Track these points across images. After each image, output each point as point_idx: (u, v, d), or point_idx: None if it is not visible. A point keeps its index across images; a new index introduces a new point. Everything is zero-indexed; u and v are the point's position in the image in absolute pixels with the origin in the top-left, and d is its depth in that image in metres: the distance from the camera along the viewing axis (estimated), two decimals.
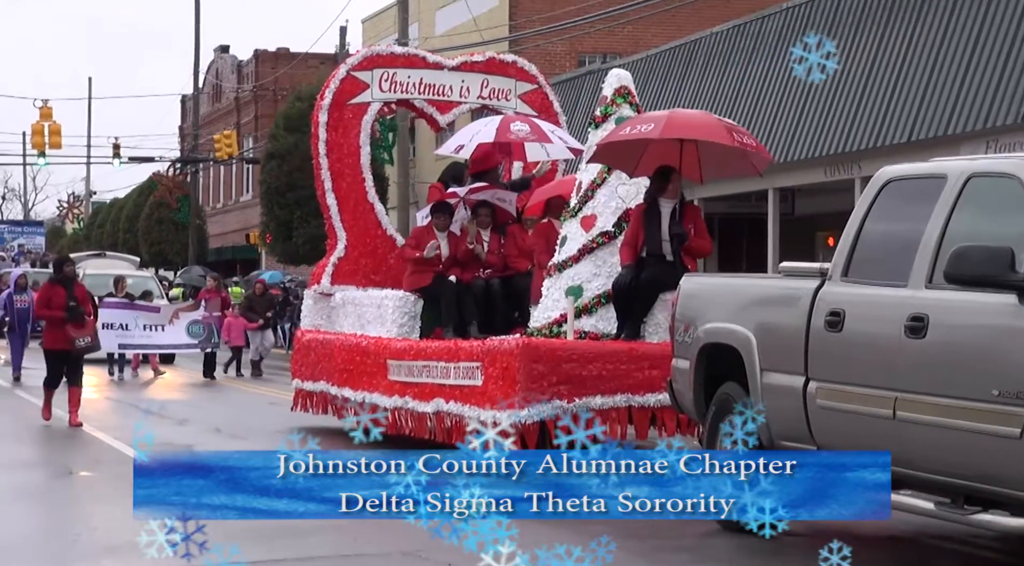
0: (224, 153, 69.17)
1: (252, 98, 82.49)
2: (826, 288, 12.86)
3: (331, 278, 22.41)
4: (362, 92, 22.56)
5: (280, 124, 59.25)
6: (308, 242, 55.05)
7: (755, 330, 13.52)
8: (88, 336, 23.64)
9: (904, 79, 29.38)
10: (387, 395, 19.55)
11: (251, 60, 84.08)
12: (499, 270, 20.49)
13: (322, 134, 22.37)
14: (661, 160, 17.50)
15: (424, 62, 23.03)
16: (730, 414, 13.96)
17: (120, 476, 17.29)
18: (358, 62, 22.75)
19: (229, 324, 37.13)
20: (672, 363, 14.95)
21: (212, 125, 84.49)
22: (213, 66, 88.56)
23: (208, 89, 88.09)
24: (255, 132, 79.67)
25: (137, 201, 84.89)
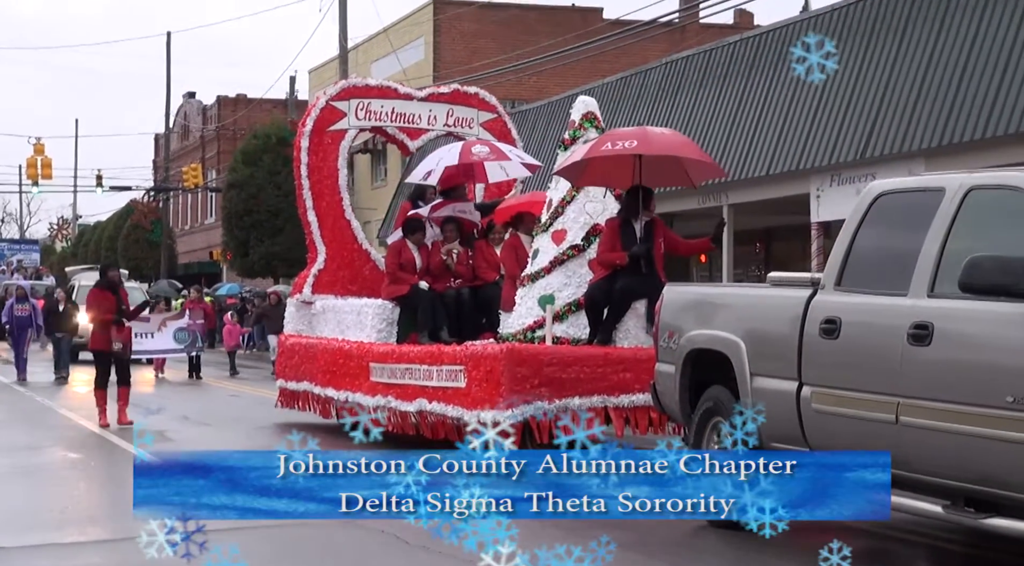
0: (191, 183, 68.44)
1: (215, 136, 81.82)
2: (820, 297, 11.10)
3: (312, 288, 20.76)
4: (340, 120, 20.86)
5: (239, 159, 58.58)
6: (263, 258, 55.52)
7: (744, 336, 11.73)
8: (122, 341, 21.27)
9: (824, 107, 27.66)
10: (370, 395, 17.74)
11: (214, 104, 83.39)
12: (468, 280, 18.68)
13: (304, 158, 20.62)
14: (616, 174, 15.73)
15: (396, 93, 21.29)
16: (717, 416, 12.26)
17: (102, 458, 17.66)
18: (336, 93, 21.00)
19: (229, 330, 36.73)
20: (656, 367, 13.10)
21: (181, 159, 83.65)
22: (182, 109, 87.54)
23: (177, 129, 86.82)
24: (217, 165, 78.85)
25: (117, 224, 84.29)
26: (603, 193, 16.32)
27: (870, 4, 26.72)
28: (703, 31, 55.88)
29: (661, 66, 34.31)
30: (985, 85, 22.87)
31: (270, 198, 55.42)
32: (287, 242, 54.20)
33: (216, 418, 23.16)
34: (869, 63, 26.14)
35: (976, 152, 23.00)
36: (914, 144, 24.63)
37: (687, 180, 16.23)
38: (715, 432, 12.26)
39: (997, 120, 22.45)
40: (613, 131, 16.14)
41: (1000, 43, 22.85)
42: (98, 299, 21.31)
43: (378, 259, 21.03)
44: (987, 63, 23.00)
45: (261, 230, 55.55)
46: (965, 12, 23.97)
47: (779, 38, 29.38)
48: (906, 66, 25.16)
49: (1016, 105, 22.07)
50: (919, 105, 24.51)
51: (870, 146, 25.60)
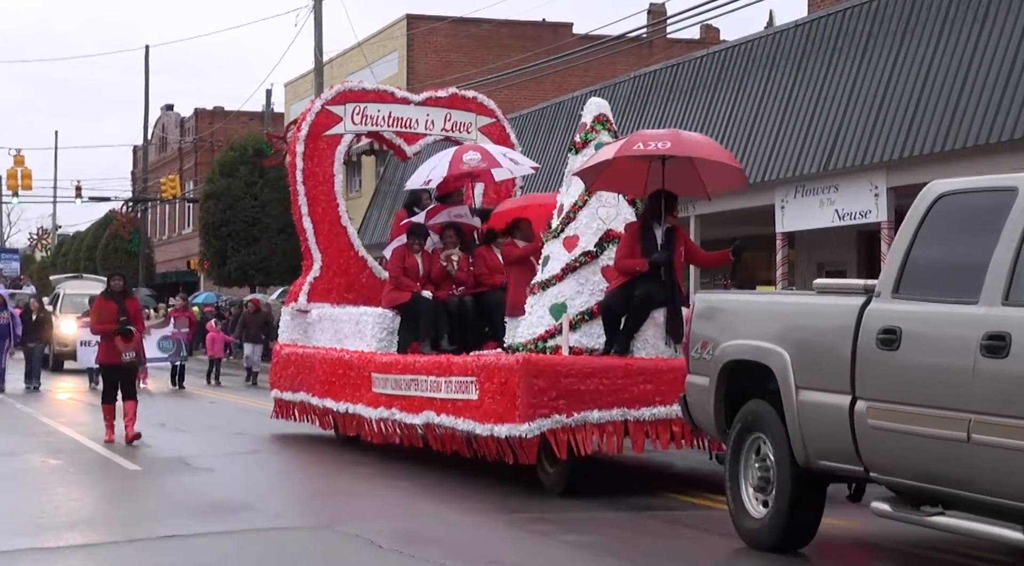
0: (169, 194, 67.28)
1: (192, 148, 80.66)
2: (875, 305, 9.93)
3: (307, 296, 19.36)
4: (336, 124, 19.62)
5: (216, 170, 57.23)
6: (239, 268, 54.59)
7: (789, 347, 10.54)
8: (133, 351, 19.42)
9: (788, 120, 26.63)
10: (372, 407, 16.51)
11: (192, 116, 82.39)
12: (470, 287, 17.45)
13: (299, 163, 19.39)
14: (629, 179, 14.54)
15: (392, 97, 20.05)
16: (757, 432, 11.06)
17: (81, 464, 17.20)
18: (332, 97, 19.76)
19: (213, 339, 35.10)
20: (687, 379, 11.91)
21: (159, 170, 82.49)
22: (160, 121, 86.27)
23: (156, 141, 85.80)
24: (195, 176, 77.58)
25: (96, 234, 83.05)
26: (616, 198, 15.07)
27: (833, 20, 26.14)
28: (670, 46, 55.09)
29: (629, 80, 33.67)
30: (944, 99, 22.33)
31: (247, 209, 54.37)
32: (263, 252, 53.86)
33: (192, 425, 22.37)
34: (832, 77, 25.59)
35: (936, 164, 22.35)
36: (875, 157, 24.02)
37: (703, 190, 15.00)
38: (754, 448, 11.07)
39: (956, 134, 21.90)
40: (643, 131, 14.94)
41: (959, 59, 22.32)
42: (100, 309, 19.71)
43: (375, 267, 19.79)
44: (946, 78, 22.46)
45: (238, 240, 54.47)
46: (925, 28, 23.41)
47: (744, 53, 28.78)
48: (868, 81, 24.54)
49: (974, 119, 21.52)
50: (880, 119, 23.94)
51: (833, 158, 24.94)
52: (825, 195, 25.17)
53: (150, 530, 12.14)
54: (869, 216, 24.14)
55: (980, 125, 21.41)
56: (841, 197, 24.85)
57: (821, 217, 25.48)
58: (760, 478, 10.96)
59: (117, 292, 19.78)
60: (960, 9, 22.73)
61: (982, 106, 21.44)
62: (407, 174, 44.81)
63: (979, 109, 21.51)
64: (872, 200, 23.95)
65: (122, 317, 19.20)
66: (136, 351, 19.52)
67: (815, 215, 25.56)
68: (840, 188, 24.81)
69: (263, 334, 35.09)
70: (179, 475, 16.13)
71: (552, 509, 13.05)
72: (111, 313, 19.31)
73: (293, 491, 15.58)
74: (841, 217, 24.89)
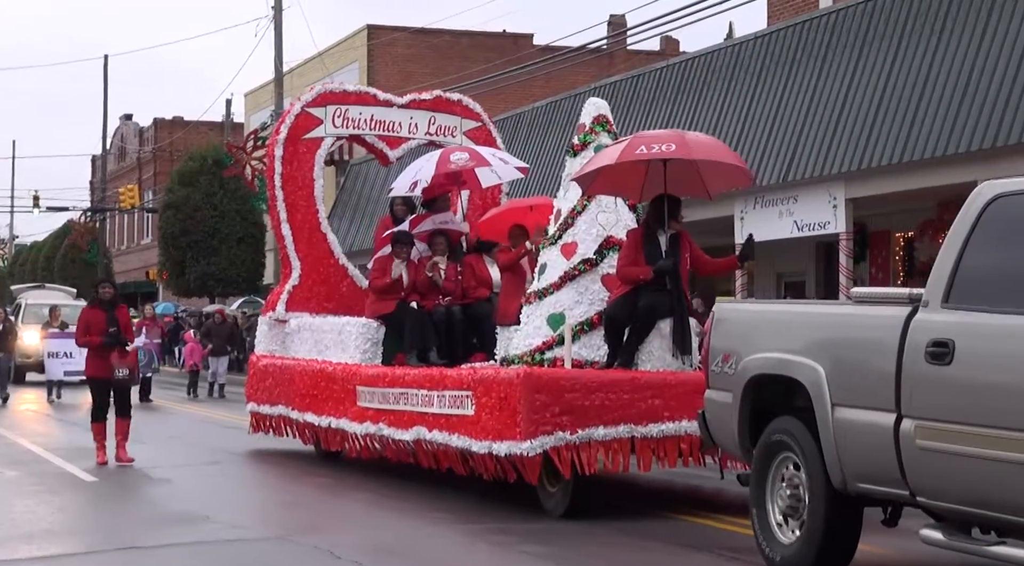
0: (128, 204, 67.08)
1: (152, 158, 79.37)
2: (922, 316, 8.99)
3: (286, 305, 18.28)
4: (316, 127, 18.58)
5: (175, 180, 56.73)
6: (199, 278, 54.30)
7: (823, 361, 9.59)
8: (127, 367, 17.73)
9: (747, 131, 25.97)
10: (357, 421, 15.49)
11: (151, 126, 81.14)
12: (458, 297, 16.46)
13: (278, 167, 18.34)
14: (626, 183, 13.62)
15: (375, 99, 19.02)
16: (786, 451, 10.12)
17: (38, 475, 16.78)
18: (312, 99, 18.72)
19: (191, 349, 33.91)
20: (706, 394, 10.96)
21: (118, 180, 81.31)
22: (119, 131, 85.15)
23: (114, 150, 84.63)
24: (154, 186, 76.48)
25: (53, 244, 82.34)
26: (616, 203, 14.13)
27: (792, 32, 25.65)
28: (631, 57, 54.77)
29: (590, 91, 32.53)
30: (902, 111, 21.93)
31: (206, 219, 53.96)
32: (223, 262, 53.65)
33: (152, 436, 21.51)
34: (791, 89, 25.13)
35: (894, 176, 22.19)
36: (834, 168, 23.54)
37: (703, 191, 14.08)
38: (782, 469, 10.14)
39: (913, 145, 21.51)
40: (644, 133, 14.01)
41: (916, 71, 21.92)
42: (87, 320, 18.07)
43: (356, 275, 18.78)
44: (903, 90, 22.06)
45: (197, 250, 54.05)
46: (883, 41, 22.98)
47: (704, 65, 28.32)
48: (826, 93, 24.11)
49: (931, 131, 21.14)
50: (838, 130, 23.51)
51: (791, 170, 24.44)
52: (784, 206, 24.68)
53: (108, 542, 11.94)
54: (828, 227, 23.79)
55: (938, 137, 21.03)
56: (800, 208, 24.40)
57: (780, 228, 25.00)
58: (790, 501, 10.04)
59: (106, 301, 18.14)
60: (918, 22, 22.36)
61: (939, 118, 21.07)
62: (368, 184, 44.53)
63: (936, 121, 21.14)
64: (831, 211, 23.55)
65: (111, 328, 17.72)
66: (131, 367, 17.89)
67: (774, 226, 25.03)
68: (799, 199, 24.35)
69: (229, 345, 34.08)
70: (138, 486, 15.81)
71: (512, 519, 12.70)
72: (99, 324, 17.81)
73: (252, 502, 15.07)
74: (800, 228, 24.43)
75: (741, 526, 12.25)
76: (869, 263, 26.89)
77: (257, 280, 55.64)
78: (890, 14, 23.01)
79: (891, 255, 26.62)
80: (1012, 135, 19.56)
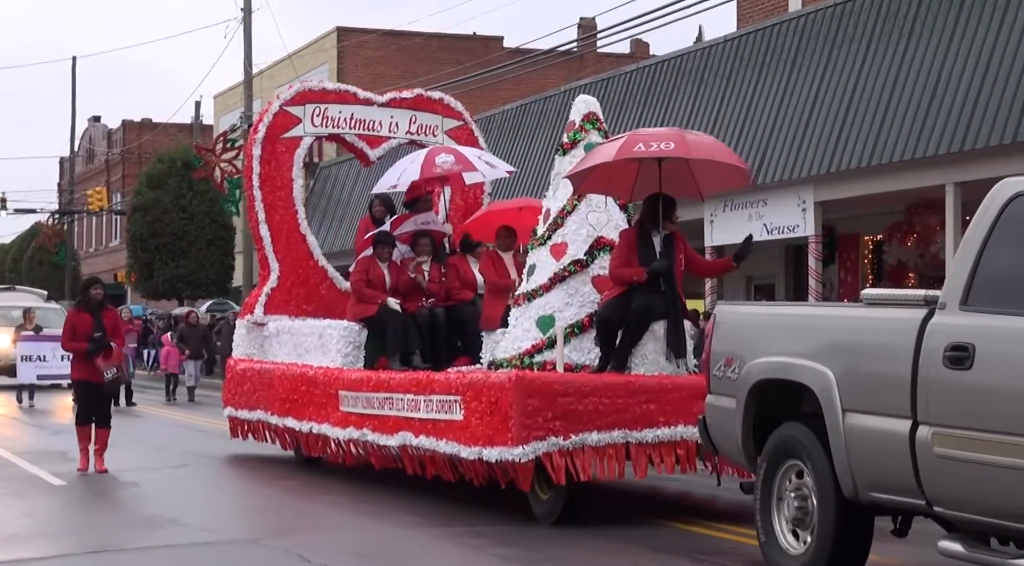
0: (96, 206, 66.49)
1: (120, 160, 78.67)
2: (939, 319, 8.58)
3: (264, 308, 17.70)
4: (294, 126, 18.06)
5: (144, 182, 56.47)
6: (167, 281, 54.29)
7: (834, 365, 9.16)
8: (113, 367, 16.61)
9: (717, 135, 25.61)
10: (340, 427, 14.99)
11: (120, 128, 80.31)
12: (441, 299, 15.96)
13: (256, 167, 17.78)
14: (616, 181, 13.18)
15: (355, 98, 18.48)
16: (793, 458, 9.69)
17: (5, 479, 16.45)
18: (291, 97, 18.19)
19: (168, 353, 33.20)
20: (707, 400, 10.53)
21: (86, 182, 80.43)
22: (87, 133, 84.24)
23: (83, 152, 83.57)
24: (122, 189, 75.87)
25: (21, 246, 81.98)
26: (607, 202, 13.65)
27: (761, 36, 25.50)
28: (601, 60, 54.65)
29: (560, 94, 32.93)
30: (870, 115, 21.81)
31: (175, 221, 53.75)
32: (191, 265, 53.58)
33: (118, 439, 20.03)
34: (760, 93, 24.97)
35: (862, 179, 22.09)
36: (803, 171, 23.43)
37: (695, 191, 13.63)
38: (789, 477, 9.71)
39: (882, 149, 21.36)
40: (641, 130, 13.55)
41: (885, 75, 21.78)
42: (73, 323, 16.97)
43: (336, 277, 18.24)
44: (872, 94, 21.93)
45: (166, 253, 53.91)
46: (852, 45, 22.83)
47: (674, 68, 28.21)
48: (795, 96, 23.96)
49: (900, 134, 21.01)
50: (807, 134, 23.38)
51: (761, 173, 24.20)
52: (753, 209, 24.49)
53: (76, 545, 11.73)
54: (797, 230, 23.64)
55: (906, 140, 20.87)
56: (769, 211, 24.22)
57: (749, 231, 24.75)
58: (797, 510, 9.62)
59: (94, 304, 17.07)
60: (886, 26, 22.21)
61: (908, 121, 20.93)
62: (337, 186, 44.01)
63: (905, 124, 21.00)
64: (800, 214, 23.42)
65: (97, 333, 16.71)
66: (118, 367, 16.88)
67: (743, 229, 24.80)
68: (768, 202, 24.18)
69: (202, 348, 33.51)
70: (106, 490, 15.47)
71: (484, 522, 12.52)
72: (85, 328, 16.78)
73: (220, 505, 14.72)
74: (769, 231, 24.24)
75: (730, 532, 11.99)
76: (838, 266, 26.77)
77: (226, 283, 55.33)
78: (859, 18, 22.90)
79: (860, 258, 26.54)
80: (980, 139, 19.45)
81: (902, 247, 24.56)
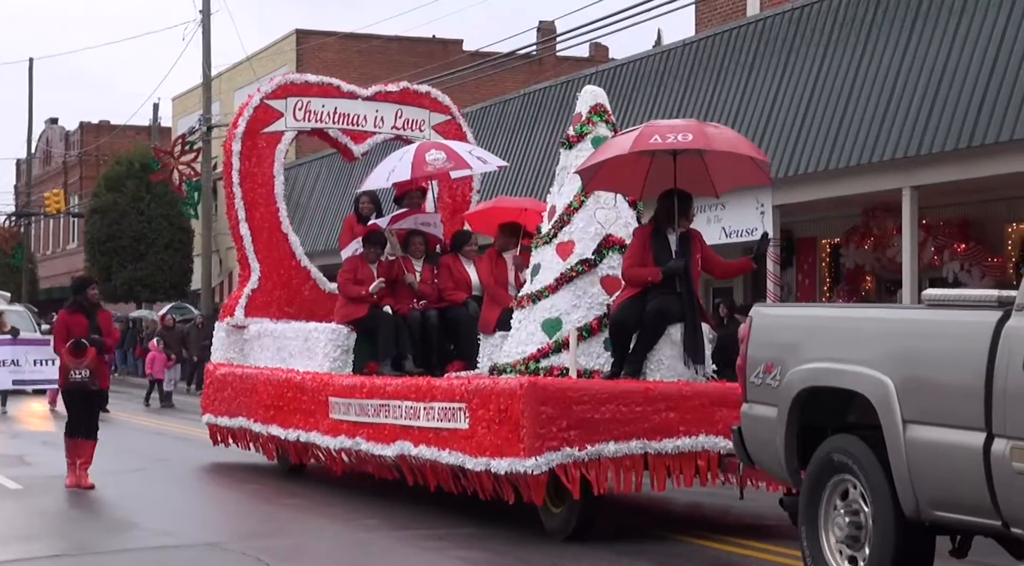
0: (53, 208, 64.59)
1: (78, 162, 76.95)
2: (1017, 321, 7.65)
3: (244, 310, 16.62)
4: (276, 120, 16.99)
5: (102, 184, 55.69)
6: (125, 284, 53.59)
7: (893, 372, 8.21)
8: (87, 369, 15.02)
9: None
10: (330, 435, 13.95)
11: (77, 130, 78.59)
12: (433, 301, 14.95)
13: (235, 163, 16.70)
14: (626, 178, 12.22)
15: (338, 91, 17.44)
16: (843, 473, 8.75)
17: None
18: (272, 90, 17.13)
19: (153, 358, 31.92)
20: (743, 409, 9.59)
21: (43, 185, 78.72)
22: (44, 135, 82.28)
23: (40, 154, 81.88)
24: (80, 191, 74.04)
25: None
26: (615, 199, 12.70)
27: (720, 39, 24.92)
28: (560, 63, 54.06)
29: (519, 97, 32.38)
30: (828, 119, 21.28)
31: (133, 224, 53.12)
32: (150, 267, 53.08)
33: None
34: (718, 96, 24.36)
35: (821, 183, 21.48)
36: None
37: (710, 188, 12.70)
38: (839, 493, 8.77)
39: (840, 152, 20.83)
40: (657, 121, 12.61)
41: (842, 80, 21.26)
42: (67, 325, 15.42)
43: (319, 278, 17.19)
44: (830, 97, 21.42)
45: (124, 255, 53.27)
46: (809, 49, 22.30)
47: (633, 71, 27.53)
48: (752, 100, 23.37)
49: (857, 138, 20.46)
50: (766, 137, 22.70)
51: None
52: (712, 212, 23.86)
53: (33, 550, 11.38)
54: (755, 233, 22.92)
55: (863, 144, 20.35)
56: (728, 214, 23.59)
57: (708, 234, 23.94)
58: (849, 529, 8.67)
59: (90, 305, 15.67)
60: (843, 31, 21.69)
61: (865, 126, 20.40)
62: (297, 189, 42.98)
63: (862, 129, 20.47)
64: (758, 218, 22.70)
65: (94, 334, 15.29)
66: (91, 368, 15.22)
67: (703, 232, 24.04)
68: (727, 205, 23.60)
69: (184, 351, 32.41)
70: (62, 494, 14.99)
71: (446, 525, 12.29)
72: (81, 330, 15.31)
73: (179, 509, 14.19)
74: (728, 235, 23.61)
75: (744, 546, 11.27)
76: (796, 269, 26.26)
77: (185, 286, 54.47)
78: (816, 22, 22.40)
79: (818, 261, 26.09)
80: (936, 143, 19.02)
81: (859, 250, 24.11)
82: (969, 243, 21.58)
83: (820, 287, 25.40)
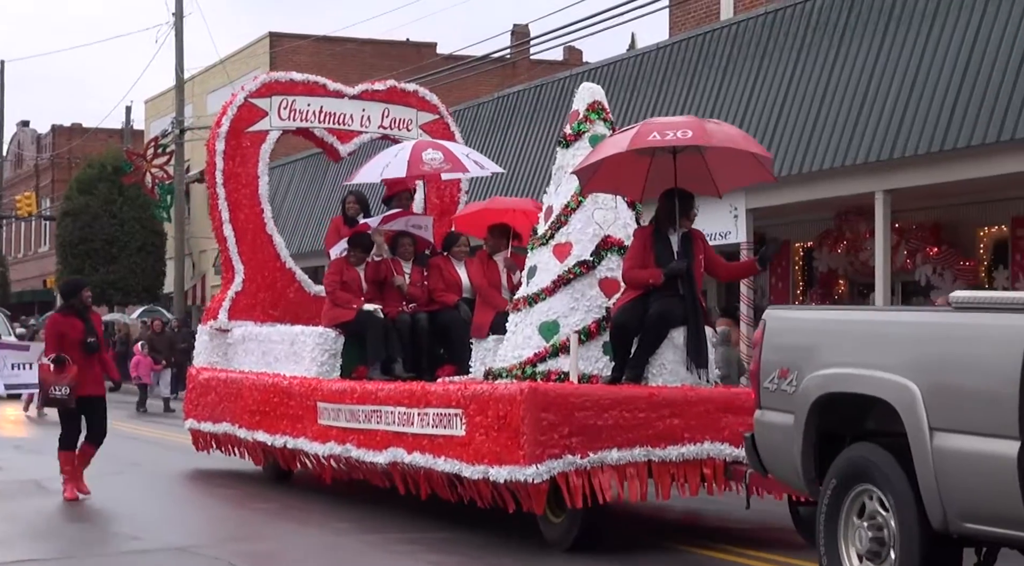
0: (25, 211, 64.68)
1: (50, 165, 76.23)
2: None
3: (228, 313, 16.13)
4: (260, 119, 16.55)
5: (74, 187, 55.06)
6: (97, 287, 51.51)
7: (919, 378, 7.80)
8: (67, 386, 14.22)
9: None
10: (319, 441, 13.48)
11: (49, 133, 77.97)
12: (423, 304, 14.51)
13: (219, 163, 16.24)
14: (626, 178, 11.83)
15: (324, 89, 16.99)
16: (865, 483, 8.33)
17: None
18: (256, 89, 16.69)
19: (137, 362, 31.66)
20: (756, 416, 9.17)
21: (14, 188, 77.75)
22: (16, 137, 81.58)
23: (11, 157, 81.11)
24: (52, 194, 73.41)
25: None
26: (614, 199, 12.27)
27: (693, 43, 24.77)
28: (533, 67, 53.77)
29: (493, 100, 32.18)
30: (801, 123, 21.12)
31: (105, 227, 52.56)
32: (122, 270, 52.54)
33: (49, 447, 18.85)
34: (692, 100, 24.16)
35: (793, 186, 21.21)
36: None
37: (712, 187, 12.29)
38: (860, 504, 8.35)
39: (812, 156, 20.67)
40: (656, 118, 12.20)
41: (815, 84, 21.12)
42: (61, 329, 14.68)
43: (304, 280, 16.72)
44: (803, 101, 21.26)
45: (96, 258, 52.67)
46: (783, 53, 22.13)
47: (607, 75, 27.23)
48: (726, 103, 23.17)
49: (830, 141, 20.31)
50: None
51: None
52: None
53: (3, 555, 11.17)
54: (728, 237, 22.89)
55: (836, 148, 20.19)
56: (701, 218, 22.88)
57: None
58: (871, 542, 8.26)
59: (84, 308, 14.93)
60: (816, 35, 21.52)
61: (838, 129, 20.24)
62: (281, 192, 42.45)
63: (835, 132, 20.31)
64: (731, 221, 22.42)
65: (90, 338, 14.62)
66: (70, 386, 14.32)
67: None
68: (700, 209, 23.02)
69: (172, 356, 31.90)
70: (33, 498, 14.91)
71: (418, 529, 12.19)
72: (77, 333, 14.59)
73: (151, 513, 13.93)
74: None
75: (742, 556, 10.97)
76: (769, 272, 25.96)
77: (157, 289, 53.95)
78: (790, 26, 22.21)
79: (791, 265, 25.94)
80: (908, 147, 18.85)
81: (832, 254, 23.92)
82: (942, 247, 21.37)
83: (793, 290, 25.20)
